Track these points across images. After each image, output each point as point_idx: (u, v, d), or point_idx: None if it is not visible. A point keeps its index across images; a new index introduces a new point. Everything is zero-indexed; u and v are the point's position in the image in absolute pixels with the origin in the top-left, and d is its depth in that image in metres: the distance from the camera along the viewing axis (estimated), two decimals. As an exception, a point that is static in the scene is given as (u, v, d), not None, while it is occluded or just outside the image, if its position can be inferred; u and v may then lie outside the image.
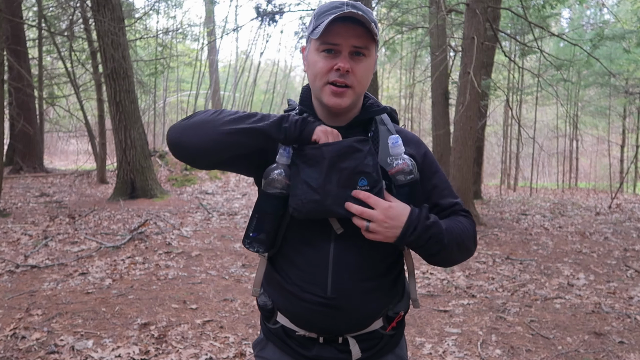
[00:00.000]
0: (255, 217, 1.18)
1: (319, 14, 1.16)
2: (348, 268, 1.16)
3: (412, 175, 1.15)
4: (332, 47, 1.13)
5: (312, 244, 1.18)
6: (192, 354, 3.10)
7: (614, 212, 9.94)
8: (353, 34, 1.12)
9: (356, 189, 1.11)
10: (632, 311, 4.05)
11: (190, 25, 19.92)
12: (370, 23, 1.11)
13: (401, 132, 1.27)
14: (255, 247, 1.19)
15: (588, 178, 24.34)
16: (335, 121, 1.21)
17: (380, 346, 1.24)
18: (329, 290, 1.15)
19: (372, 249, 1.17)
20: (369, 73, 1.17)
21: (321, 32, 1.11)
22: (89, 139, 13.54)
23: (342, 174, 1.11)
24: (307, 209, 1.11)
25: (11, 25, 10.64)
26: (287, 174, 1.15)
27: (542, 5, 9.80)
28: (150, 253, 5.50)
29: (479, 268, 5.36)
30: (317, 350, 1.21)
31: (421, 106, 21.21)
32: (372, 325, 1.22)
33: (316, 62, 1.15)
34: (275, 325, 1.26)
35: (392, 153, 1.16)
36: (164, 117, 23.04)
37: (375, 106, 1.24)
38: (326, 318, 1.17)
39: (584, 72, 16.66)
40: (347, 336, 1.21)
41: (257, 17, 10.11)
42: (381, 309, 1.21)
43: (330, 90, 1.14)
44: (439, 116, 10.55)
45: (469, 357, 3.20)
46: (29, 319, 3.56)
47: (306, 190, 1.11)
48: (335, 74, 1.13)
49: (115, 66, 8.87)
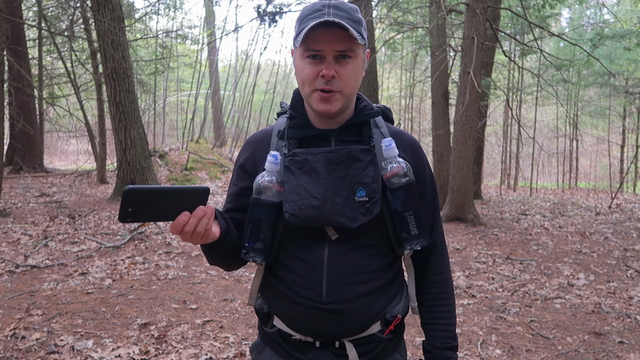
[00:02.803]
0: (249, 226, 1.16)
1: (301, 18, 1.14)
2: (342, 272, 1.16)
3: (408, 178, 1.14)
4: (316, 53, 1.11)
5: (307, 249, 1.17)
6: (192, 354, 3.10)
7: (614, 212, 9.94)
8: (335, 38, 1.09)
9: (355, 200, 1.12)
10: (632, 311, 4.05)
11: (191, 27, 19.91)
12: (353, 25, 1.09)
13: (398, 135, 1.25)
14: (252, 257, 1.17)
15: (588, 178, 24.35)
16: (328, 124, 1.20)
17: (378, 350, 1.23)
18: (323, 295, 1.15)
19: (367, 253, 1.17)
20: (357, 74, 1.15)
21: (302, 39, 1.09)
22: (89, 139, 13.54)
23: (342, 182, 1.11)
24: (304, 215, 1.10)
25: (11, 25, 10.62)
26: (278, 180, 1.14)
27: (541, 5, 9.81)
28: (150, 253, 5.50)
29: (479, 268, 5.36)
30: (314, 354, 1.20)
31: (421, 106, 21.21)
32: (370, 329, 1.20)
33: (302, 68, 1.14)
34: (272, 329, 1.26)
35: (385, 156, 1.15)
36: (164, 117, 23.05)
37: (369, 109, 1.22)
38: (321, 322, 1.16)
39: (584, 72, 16.67)
40: (344, 340, 1.19)
41: (257, 17, 10.11)
42: (377, 312, 1.20)
43: (318, 96, 1.13)
44: (439, 116, 10.54)
45: (469, 357, 3.20)
46: (29, 319, 3.56)
47: (304, 196, 1.11)
48: (322, 80, 1.12)
49: (115, 66, 8.87)
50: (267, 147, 1.22)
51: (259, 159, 1.22)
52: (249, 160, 1.26)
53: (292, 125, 1.20)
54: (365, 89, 9.59)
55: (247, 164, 1.26)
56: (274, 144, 1.21)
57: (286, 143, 1.19)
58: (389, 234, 1.18)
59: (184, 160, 13.49)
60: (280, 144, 1.20)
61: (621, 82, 15.49)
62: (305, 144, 1.19)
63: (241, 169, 1.27)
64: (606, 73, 12.72)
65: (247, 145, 1.29)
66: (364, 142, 1.19)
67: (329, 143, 1.19)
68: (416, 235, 1.16)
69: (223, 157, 15.38)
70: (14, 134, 12.76)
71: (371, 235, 1.17)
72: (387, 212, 1.16)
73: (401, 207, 1.15)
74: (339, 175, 1.12)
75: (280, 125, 1.25)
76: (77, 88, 12.10)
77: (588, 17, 18.25)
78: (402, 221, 1.16)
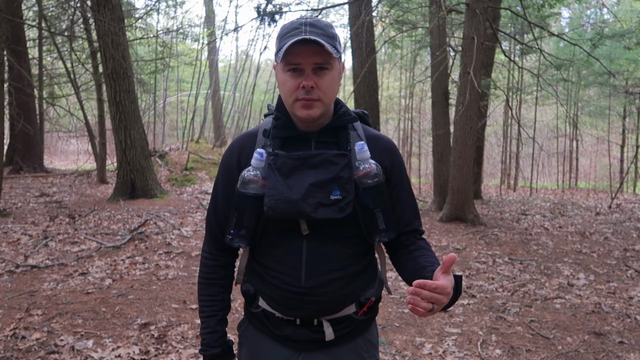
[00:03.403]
0: (235, 215, 1.29)
1: (280, 36, 1.26)
2: (319, 261, 1.29)
3: (377, 179, 1.26)
4: (295, 67, 1.24)
5: (287, 239, 1.30)
6: (192, 354, 3.10)
7: (614, 212, 9.94)
8: (312, 52, 1.22)
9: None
10: (632, 311, 4.05)
11: (191, 25, 19.91)
12: (327, 41, 1.21)
13: (375, 139, 1.37)
14: (236, 242, 1.31)
15: (588, 178, 24.34)
16: (309, 127, 1.32)
17: (351, 329, 1.37)
18: (302, 280, 1.29)
19: (342, 244, 1.31)
20: (334, 84, 1.28)
21: (283, 55, 1.22)
22: (89, 139, 13.54)
23: (318, 182, 1.24)
24: (281, 208, 1.23)
25: (11, 25, 10.62)
26: (262, 175, 1.26)
27: (541, 5, 9.81)
28: (150, 253, 5.50)
29: (479, 268, 5.36)
30: (293, 330, 1.35)
31: (421, 106, 21.19)
32: (345, 310, 1.34)
33: (285, 81, 1.26)
34: (256, 309, 1.39)
35: (358, 158, 1.27)
36: (164, 117, 23.04)
37: (347, 115, 1.35)
38: (301, 304, 1.30)
39: (584, 71, 16.67)
40: (322, 319, 1.34)
41: (257, 17, 10.11)
42: (351, 295, 1.33)
43: (300, 104, 1.25)
44: (439, 116, 10.53)
45: (469, 357, 3.20)
46: (29, 319, 3.56)
47: (281, 191, 1.23)
48: (302, 91, 1.24)
49: (115, 66, 8.87)
50: (251, 147, 1.34)
51: (243, 157, 1.34)
52: (234, 159, 1.37)
53: (277, 126, 1.33)
54: (365, 88, 9.59)
55: (233, 162, 1.37)
56: (260, 142, 1.34)
57: (270, 142, 1.31)
58: (361, 227, 1.31)
59: (184, 160, 13.49)
60: (266, 142, 1.33)
61: (621, 82, 15.49)
62: (288, 144, 1.31)
63: (227, 167, 1.38)
64: (606, 73, 12.71)
65: (234, 145, 1.41)
66: (340, 144, 1.32)
67: (310, 144, 1.31)
68: (384, 230, 1.30)
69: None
70: (14, 134, 12.76)
71: (345, 229, 1.30)
72: (359, 208, 1.28)
73: (371, 205, 1.28)
74: (315, 176, 1.24)
75: (266, 124, 1.38)
76: (77, 88, 12.10)
77: (588, 16, 18.24)
78: (372, 217, 1.29)
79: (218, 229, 1.39)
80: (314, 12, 10.49)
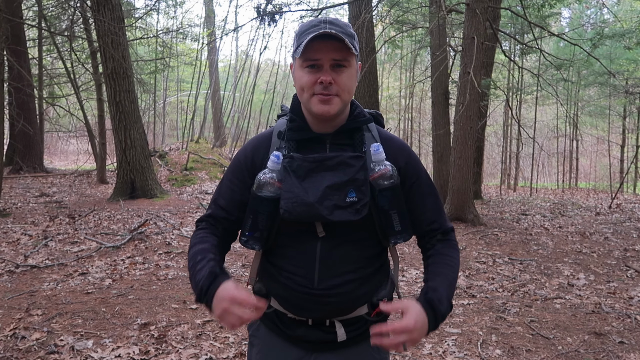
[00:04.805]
0: (250, 217, 1.28)
1: (299, 33, 1.25)
2: (333, 263, 1.28)
3: (393, 180, 1.26)
4: (314, 63, 1.23)
5: (301, 240, 1.29)
6: (192, 354, 3.10)
7: (614, 212, 9.94)
8: (332, 49, 1.21)
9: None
10: (632, 311, 4.05)
11: (191, 25, 19.91)
12: (347, 37, 1.21)
13: (388, 140, 1.36)
14: (250, 244, 1.30)
15: (588, 178, 24.35)
16: (323, 128, 1.31)
17: (363, 329, 1.35)
18: (315, 282, 1.28)
19: (356, 246, 1.30)
20: (352, 81, 1.26)
21: (302, 51, 1.21)
22: (89, 139, 13.55)
23: (334, 184, 1.23)
24: (297, 211, 1.22)
25: (11, 25, 10.61)
26: (278, 178, 1.25)
27: (541, 5, 9.81)
28: (150, 253, 5.50)
29: (479, 268, 5.36)
30: (304, 331, 1.34)
31: (421, 106, 21.20)
32: (357, 311, 1.33)
33: (302, 77, 1.25)
34: (269, 309, 1.38)
35: (374, 160, 1.27)
36: (164, 117, 23.05)
37: (362, 116, 1.33)
38: (314, 305, 1.29)
39: (584, 71, 16.66)
40: (335, 320, 1.33)
41: (257, 17, 10.11)
42: (363, 297, 1.33)
43: (317, 99, 1.23)
44: (439, 116, 10.54)
45: (469, 357, 3.20)
46: (29, 319, 3.56)
47: (298, 194, 1.22)
48: (320, 86, 1.22)
49: (115, 66, 8.87)
50: (266, 148, 1.33)
51: (257, 159, 1.33)
52: (248, 157, 1.35)
53: (292, 128, 1.31)
54: (365, 88, 9.59)
55: (246, 160, 1.35)
56: (275, 144, 1.32)
57: (285, 144, 1.30)
58: (376, 229, 1.30)
59: (184, 160, 13.49)
60: (281, 144, 1.31)
61: (621, 82, 15.49)
62: (302, 146, 1.30)
63: (238, 163, 1.37)
64: (606, 73, 12.72)
65: (248, 145, 1.40)
66: (355, 146, 1.31)
67: (325, 146, 1.30)
68: (399, 231, 1.29)
69: (223, 157, 15.38)
70: (14, 134, 12.76)
71: (360, 230, 1.29)
72: (375, 209, 1.27)
73: (387, 206, 1.27)
74: (331, 179, 1.23)
75: (280, 126, 1.36)
76: (77, 88, 12.10)
77: (588, 16, 18.23)
78: (387, 219, 1.28)
79: (217, 206, 1.37)
80: (314, 12, 10.49)
